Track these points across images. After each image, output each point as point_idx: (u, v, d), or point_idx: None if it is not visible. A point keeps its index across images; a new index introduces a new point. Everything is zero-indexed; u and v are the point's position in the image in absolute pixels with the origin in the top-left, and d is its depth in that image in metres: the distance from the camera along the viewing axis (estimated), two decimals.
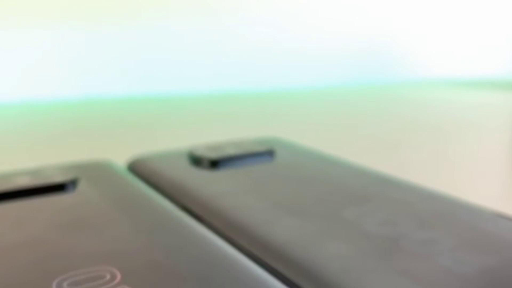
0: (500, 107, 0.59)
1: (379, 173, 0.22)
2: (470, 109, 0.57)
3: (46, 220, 0.17)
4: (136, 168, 0.24)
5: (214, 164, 0.23)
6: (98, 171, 0.22)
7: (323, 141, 0.37)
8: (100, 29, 0.63)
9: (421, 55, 0.78)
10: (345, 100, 0.64)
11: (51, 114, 0.55)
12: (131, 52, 0.65)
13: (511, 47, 0.79)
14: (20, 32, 0.60)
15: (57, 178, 0.20)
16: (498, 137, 0.45)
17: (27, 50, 0.61)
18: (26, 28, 0.61)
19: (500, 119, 0.53)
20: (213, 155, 0.24)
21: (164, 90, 0.64)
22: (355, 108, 0.58)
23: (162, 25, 0.66)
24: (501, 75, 0.76)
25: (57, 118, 0.53)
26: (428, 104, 0.61)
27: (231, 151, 0.25)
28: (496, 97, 0.64)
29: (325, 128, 0.47)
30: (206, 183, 0.21)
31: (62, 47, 0.62)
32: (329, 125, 0.49)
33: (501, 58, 0.79)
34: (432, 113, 0.55)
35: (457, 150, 0.39)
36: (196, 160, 0.24)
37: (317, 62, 0.72)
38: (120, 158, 0.25)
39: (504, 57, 0.78)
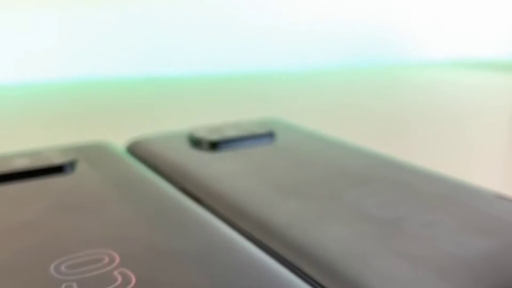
0: (502, 89, 0.58)
1: (380, 154, 0.22)
2: (470, 91, 0.57)
3: (44, 202, 0.17)
4: (135, 150, 0.24)
5: (214, 145, 0.23)
6: (97, 153, 0.22)
7: (323, 122, 0.37)
8: (101, 11, 0.63)
9: (422, 37, 0.77)
10: (345, 82, 0.63)
11: (52, 95, 0.55)
12: (132, 34, 0.64)
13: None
14: (22, 14, 0.60)
15: (55, 160, 0.20)
16: (499, 119, 0.45)
17: (27, 32, 0.60)
18: (27, 10, 0.60)
19: (501, 101, 0.53)
20: (213, 136, 0.24)
21: (163, 72, 0.64)
22: (355, 90, 0.58)
23: (162, 7, 0.65)
24: (502, 57, 0.75)
25: (59, 99, 0.53)
26: (428, 86, 0.61)
27: (231, 132, 0.24)
28: (498, 79, 0.64)
29: (325, 109, 0.47)
30: (205, 165, 0.21)
31: (64, 29, 0.62)
32: (329, 107, 0.48)
33: (503, 39, 0.78)
34: (432, 95, 0.54)
35: (458, 132, 0.39)
36: (196, 142, 0.24)
37: (317, 44, 0.72)
38: (119, 139, 0.25)
39: (505, 39, 0.78)
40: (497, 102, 0.51)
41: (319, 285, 0.13)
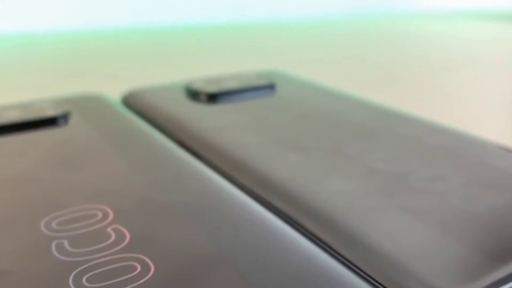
0: (503, 40, 0.57)
1: (384, 106, 0.22)
2: (471, 41, 0.56)
3: (36, 156, 0.16)
4: (131, 102, 0.23)
5: (212, 98, 0.23)
6: (91, 105, 0.22)
7: (322, 73, 0.36)
8: None
9: None
10: (344, 32, 0.62)
11: (48, 46, 0.54)
12: None
13: None
14: None
15: (48, 112, 0.20)
16: (498, 70, 0.44)
17: None
18: None
19: (500, 51, 0.52)
20: (211, 88, 0.23)
21: (158, 22, 0.63)
22: (354, 40, 0.57)
23: None
24: (501, 7, 0.74)
25: (55, 50, 0.52)
26: (429, 36, 0.59)
27: (230, 84, 0.24)
28: (496, 28, 0.63)
29: (324, 60, 0.46)
30: (203, 118, 0.20)
31: None
32: (328, 57, 0.47)
33: None
34: (433, 46, 0.53)
35: (458, 83, 0.38)
36: (194, 94, 0.23)
37: None
38: (115, 91, 0.25)
39: None
40: (498, 53, 0.50)
41: (320, 240, 0.13)
